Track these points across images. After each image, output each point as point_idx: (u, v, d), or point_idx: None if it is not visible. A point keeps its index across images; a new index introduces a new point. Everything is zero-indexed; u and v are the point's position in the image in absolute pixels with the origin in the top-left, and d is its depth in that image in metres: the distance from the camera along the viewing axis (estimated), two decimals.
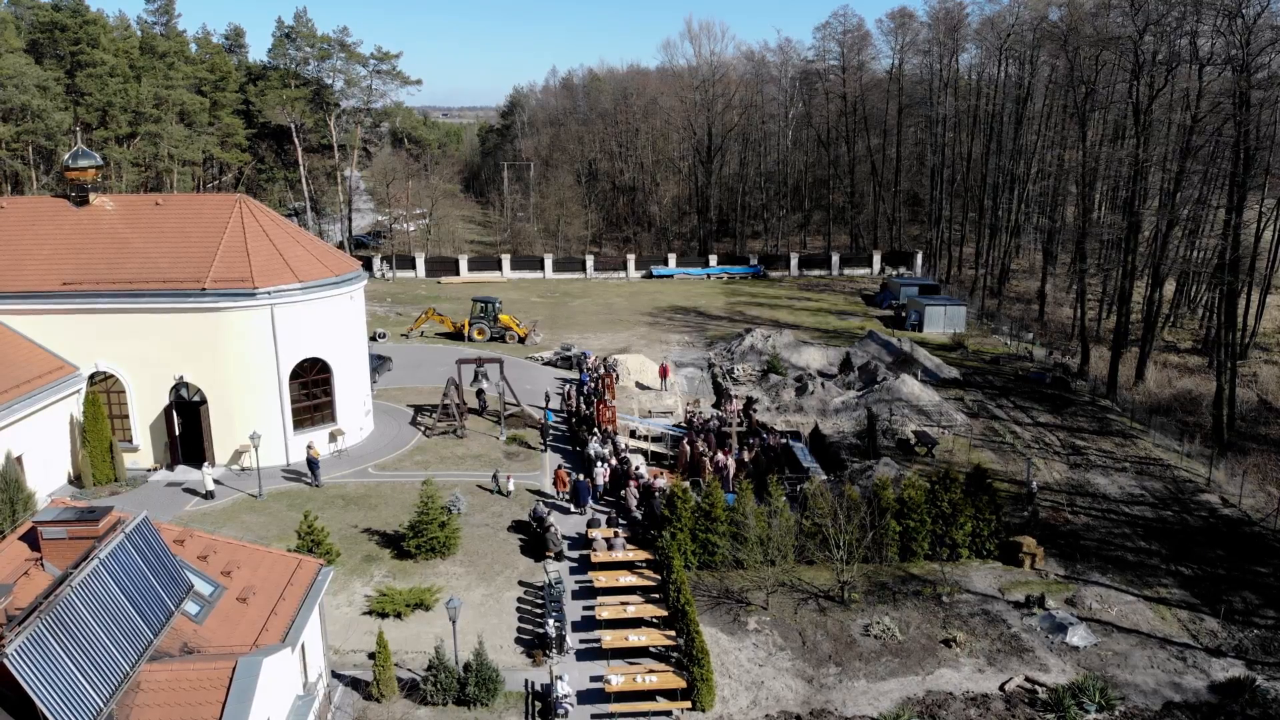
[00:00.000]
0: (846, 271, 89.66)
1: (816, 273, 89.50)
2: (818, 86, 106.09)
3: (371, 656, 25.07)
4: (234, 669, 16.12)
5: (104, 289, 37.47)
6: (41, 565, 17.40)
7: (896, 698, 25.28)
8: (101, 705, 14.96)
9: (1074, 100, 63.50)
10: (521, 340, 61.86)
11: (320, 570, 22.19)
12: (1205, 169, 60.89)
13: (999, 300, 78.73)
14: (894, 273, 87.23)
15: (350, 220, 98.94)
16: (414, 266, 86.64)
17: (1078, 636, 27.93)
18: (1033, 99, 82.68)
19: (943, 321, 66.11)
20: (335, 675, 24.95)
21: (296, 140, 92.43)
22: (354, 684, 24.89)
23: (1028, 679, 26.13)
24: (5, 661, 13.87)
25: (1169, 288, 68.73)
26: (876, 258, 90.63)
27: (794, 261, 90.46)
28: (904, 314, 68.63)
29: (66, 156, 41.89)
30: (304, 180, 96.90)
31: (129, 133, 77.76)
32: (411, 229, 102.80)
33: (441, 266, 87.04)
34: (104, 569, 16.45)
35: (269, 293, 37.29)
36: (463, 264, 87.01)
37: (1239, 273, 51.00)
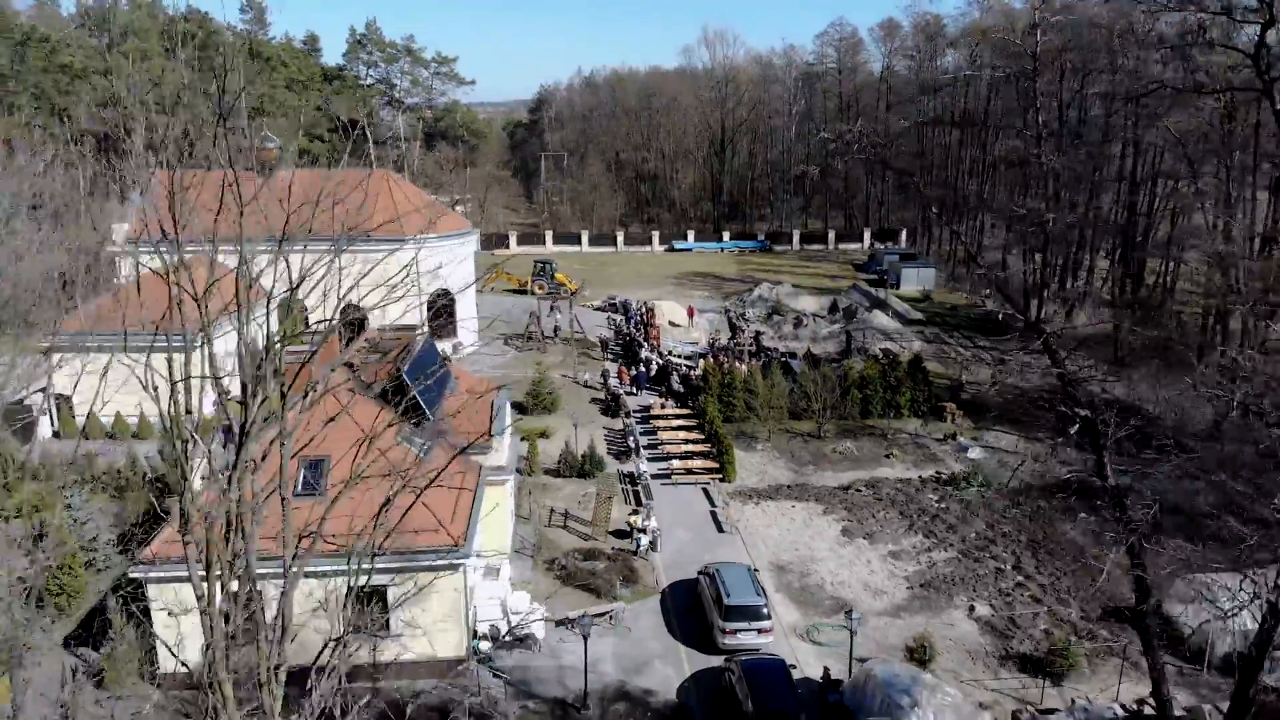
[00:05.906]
0: (841, 246, 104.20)
1: (815, 247, 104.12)
2: (818, 86, 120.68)
3: (522, 457, 39.90)
4: (494, 399, 30.83)
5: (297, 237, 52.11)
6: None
7: (850, 479, 40.07)
8: (429, 415, 29.65)
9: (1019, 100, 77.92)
10: (573, 294, 76.50)
11: (501, 387, 36.86)
12: (1119, 158, 75.27)
13: (969, 267, 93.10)
14: (881, 246, 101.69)
15: None
16: None
17: (974, 452, 42.66)
18: (998, 97, 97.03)
19: (916, 280, 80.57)
20: None
21: (367, 133, 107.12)
22: None
23: (937, 472, 40.87)
24: (403, 376, 28.60)
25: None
26: (867, 234, 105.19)
27: (796, 237, 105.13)
28: (885, 276, 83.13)
29: (257, 139, 56.77)
30: (373, 168, 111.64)
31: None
32: (460, 210, 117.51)
33: (494, 241, 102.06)
34: (423, 350, 31.17)
35: (415, 239, 52.01)
36: (512, 239, 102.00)
37: (1132, 236, 65.67)
